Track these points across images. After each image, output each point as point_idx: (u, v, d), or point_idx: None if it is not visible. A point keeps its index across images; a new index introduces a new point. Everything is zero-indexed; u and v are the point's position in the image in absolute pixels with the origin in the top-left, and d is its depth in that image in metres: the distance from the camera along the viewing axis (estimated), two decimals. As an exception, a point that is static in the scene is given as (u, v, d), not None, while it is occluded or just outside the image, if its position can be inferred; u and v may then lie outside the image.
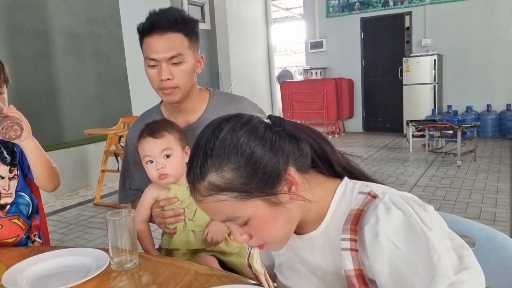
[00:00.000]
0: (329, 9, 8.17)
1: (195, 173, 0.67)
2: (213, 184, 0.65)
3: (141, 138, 1.20)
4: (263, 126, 0.68)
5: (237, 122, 0.68)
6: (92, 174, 4.84)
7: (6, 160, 1.24)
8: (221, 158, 0.65)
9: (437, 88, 6.86)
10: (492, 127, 6.63)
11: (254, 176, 0.65)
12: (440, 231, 0.63)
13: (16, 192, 1.26)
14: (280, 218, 0.68)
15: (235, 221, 0.68)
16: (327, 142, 0.77)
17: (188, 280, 0.89)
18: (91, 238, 3.30)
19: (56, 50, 4.93)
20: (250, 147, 0.65)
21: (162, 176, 1.19)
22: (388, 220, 0.63)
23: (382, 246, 0.63)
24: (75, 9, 5.16)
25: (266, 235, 0.70)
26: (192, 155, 0.69)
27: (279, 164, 0.67)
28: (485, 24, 6.81)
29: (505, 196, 3.71)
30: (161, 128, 1.20)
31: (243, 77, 7.85)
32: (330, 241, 0.73)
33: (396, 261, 0.62)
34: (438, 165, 5.01)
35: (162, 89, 1.23)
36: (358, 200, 0.70)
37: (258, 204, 0.66)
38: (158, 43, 1.19)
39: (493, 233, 0.86)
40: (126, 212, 0.98)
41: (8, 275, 0.93)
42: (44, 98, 4.68)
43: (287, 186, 0.68)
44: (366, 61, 7.91)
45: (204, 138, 0.68)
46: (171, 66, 1.20)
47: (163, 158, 1.18)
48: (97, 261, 0.98)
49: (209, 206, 0.67)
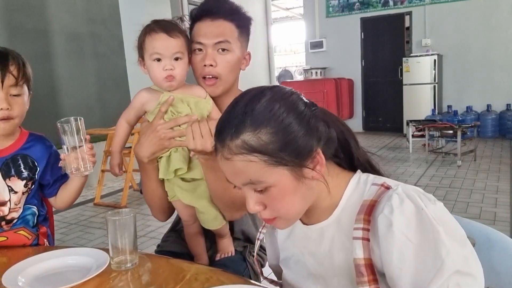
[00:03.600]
0: (329, 9, 8.17)
1: (230, 130, 0.68)
2: (247, 143, 0.66)
3: (153, 32, 1.11)
4: (302, 103, 0.71)
5: (279, 92, 0.70)
6: (92, 174, 4.79)
7: (22, 174, 1.19)
8: (261, 120, 0.66)
9: (437, 88, 6.86)
10: (492, 127, 6.63)
11: (287, 145, 0.67)
12: (448, 227, 0.64)
13: (24, 205, 1.22)
14: (299, 193, 0.70)
15: (256, 186, 0.69)
16: (353, 135, 0.79)
17: (188, 280, 0.89)
18: (91, 238, 3.30)
19: (56, 50, 4.93)
20: (289, 117, 0.67)
21: (169, 78, 1.11)
22: (402, 212, 0.65)
23: (394, 236, 0.64)
24: (75, 9, 5.16)
25: (282, 207, 0.71)
26: (229, 113, 0.70)
27: (312, 140, 0.69)
28: (485, 24, 6.81)
29: (505, 196, 3.71)
30: (175, 27, 1.12)
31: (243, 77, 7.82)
32: (341, 230, 0.74)
33: (405, 252, 0.63)
34: (438, 165, 5.01)
35: (204, 78, 1.18)
36: (371, 191, 0.72)
37: (283, 173, 0.67)
38: (208, 28, 1.16)
39: (493, 233, 0.86)
40: (126, 212, 0.98)
41: (8, 275, 0.93)
42: (44, 98, 4.67)
43: (313, 164, 0.70)
44: (366, 61, 7.92)
45: (245, 100, 0.70)
46: (216, 53, 1.17)
47: (173, 60, 1.11)
48: (97, 261, 0.97)
49: (236, 165, 0.68)
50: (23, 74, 1.14)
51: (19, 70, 1.13)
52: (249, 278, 1.23)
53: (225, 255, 1.25)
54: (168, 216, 1.32)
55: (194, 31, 1.19)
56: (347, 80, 7.90)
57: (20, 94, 1.15)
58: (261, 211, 0.72)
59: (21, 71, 1.13)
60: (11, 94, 1.12)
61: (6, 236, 1.18)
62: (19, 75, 1.13)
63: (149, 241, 3.11)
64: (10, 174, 1.18)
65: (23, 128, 1.25)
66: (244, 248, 1.32)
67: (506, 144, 6.07)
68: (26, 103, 1.19)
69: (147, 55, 1.13)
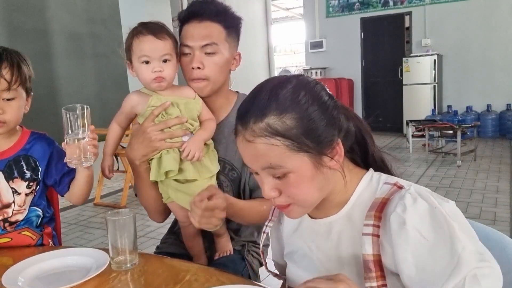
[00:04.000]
0: (329, 9, 8.17)
1: (254, 112, 0.68)
2: (271, 127, 0.67)
3: (140, 35, 1.11)
4: (326, 94, 0.72)
5: (304, 81, 0.72)
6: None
7: (25, 175, 1.18)
8: (286, 105, 0.67)
9: (437, 88, 6.86)
10: (492, 127, 6.63)
11: (310, 132, 0.68)
12: (462, 224, 0.65)
13: (30, 206, 1.20)
14: (316, 181, 0.70)
15: (275, 171, 0.69)
16: (369, 132, 0.80)
17: (187, 280, 0.89)
18: (91, 238, 3.30)
19: (56, 50, 4.93)
20: (314, 106, 0.68)
21: (158, 79, 1.12)
22: (415, 210, 0.65)
23: (408, 234, 0.64)
24: (75, 9, 5.16)
25: (298, 194, 0.71)
26: (254, 96, 0.71)
27: (333, 131, 0.70)
28: (485, 24, 6.81)
29: (505, 196, 3.71)
30: (162, 29, 1.13)
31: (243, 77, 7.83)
32: (350, 226, 0.74)
33: (420, 249, 0.64)
34: (438, 165, 5.01)
35: (192, 80, 1.18)
36: (383, 189, 0.72)
37: (303, 160, 0.68)
38: (195, 30, 1.16)
39: (493, 233, 0.86)
40: (126, 212, 0.98)
41: (8, 275, 0.93)
42: (44, 98, 4.68)
43: (332, 154, 0.70)
44: (366, 61, 7.91)
45: (270, 85, 0.71)
46: (203, 55, 1.16)
47: (161, 62, 1.12)
48: (97, 261, 0.97)
49: (257, 148, 0.68)
50: (17, 77, 1.10)
51: (12, 74, 1.09)
52: (248, 277, 1.23)
53: (223, 254, 1.25)
54: (165, 217, 1.32)
55: (182, 33, 1.20)
56: (347, 80, 7.90)
57: (14, 98, 1.12)
58: (276, 197, 0.73)
59: (15, 74, 1.09)
60: (3, 98, 1.09)
61: (10, 237, 1.18)
62: (12, 79, 1.09)
63: (149, 241, 3.11)
64: (13, 176, 1.17)
65: (24, 127, 1.24)
66: (243, 247, 1.32)
67: (506, 144, 6.06)
68: (22, 106, 1.16)
69: (135, 58, 1.13)
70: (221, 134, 1.24)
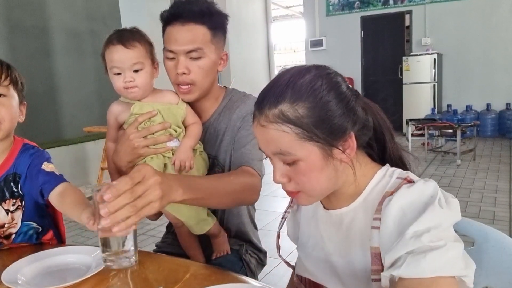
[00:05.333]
0: (329, 7, 8.16)
1: (270, 99, 0.70)
2: (283, 114, 0.68)
3: (110, 45, 1.09)
4: (344, 85, 0.73)
5: (324, 71, 0.73)
6: (92, 171, 4.83)
7: (15, 194, 1.11)
8: (301, 94, 0.69)
9: (437, 87, 6.86)
10: (491, 126, 6.64)
11: (322, 122, 0.68)
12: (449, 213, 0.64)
13: (22, 222, 1.13)
14: (326, 172, 0.71)
15: (285, 157, 0.70)
16: (389, 129, 0.81)
17: (187, 278, 0.89)
18: (90, 236, 3.30)
19: (55, 48, 4.92)
20: (329, 96, 0.69)
21: (131, 89, 1.10)
22: (406, 192, 0.67)
23: (391, 208, 0.66)
24: (75, 6, 5.15)
25: (307, 182, 0.72)
26: (272, 84, 0.72)
27: (347, 123, 0.70)
28: (485, 24, 6.80)
29: (504, 195, 3.72)
30: (133, 37, 1.09)
31: (243, 76, 7.85)
32: (360, 219, 0.75)
33: (398, 222, 0.65)
34: (438, 164, 5.01)
35: (178, 85, 1.16)
36: (394, 183, 0.73)
37: (313, 149, 0.69)
38: (179, 33, 1.12)
39: (492, 232, 0.86)
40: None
41: (7, 273, 0.93)
42: (43, 96, 4.67)
43: (343, 147, 0.71)
44: (366, 60, 7.91)
45: (290, 73, 0.72)
46: (188, 60, 1.13)
47: (132, 71, 1.09)
48: (96, 259, 0.97)
49: (269, 133, 0.70)
50: (7, 75, 1.06)
51: (2, 71, 1.06)
52: (245, 277, 1.23)
53: (220, 254, 1.25)
54: (158, 216, 1.32)
55: (165, 35, 1.16)
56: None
57: (6, 95, 1.06)
58: (286, 183, 0.74)
59: (4, 72, 1.06)
60: None
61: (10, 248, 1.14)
62: (2, 75, 1.05)
63: (149, 239, 3.11)
64: (5, 198, 1.11)
65: (16, 137, 1.15)
66: (240, 246, 1.32)
67: (505, 144, 6.07)
68: (15, 107, 1.09)
69: (108, 68, 1.11)
70: (209, 132, 1.24)
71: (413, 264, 0.59)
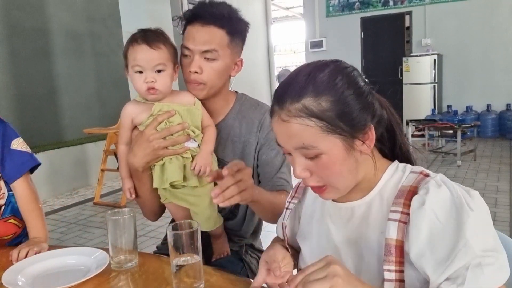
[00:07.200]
0: (329, 8, 8.17)
1: (291, 93, 0.71)
2: (306, 108, 0.69)
3: (135, 43, 1.10)
4: (362, 80, 0.75)
5: (341, 66, 0.75)
6: (92, 173, 4.83)
7: None
8: (322, 88, 0.70)
9: (437, 87, 6.86)
10: (492, 127, 6.64)
11: (344, 115, 0.70)
12: (481, 215, 0.67)
13: (9, 192, 1.19)
14: (347, 164, 0.72)
15: (308, 151, 0.71)
16: (399, 123, 0.84)
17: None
18: (90, 237, 3.30)
19: (55, 49, 4.92)
20: (349, 90, 0.71)
21: (152, 91, 1.11)
22: (437, 194, 0.68)
23: (424, 213, 0.67)
24: (75, 7, 5.15)
25: (330, 175, 0.73)
26: (292, 78, 0.73)
27: (367, 116, 0.72)
28: (485, 24, 6.81)
29: (505, 196, 3.71)
30: (158, 39, 1.11)
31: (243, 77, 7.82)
32: (373, 212, 0.76)
33: (433, 230, 0.66)
34: (438, 165, 5.01)
35: (189, 82, 1.17)
36: (410, 178, 0.74)
37: (336, 142, 0.70)
38: (197, 33, 1.14)
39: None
40: (126, 211, 0.98)
41: (8, 275, 0.93)
42: (43, 97, 4.67)
43: (364, 139, 0.72)
44: (366, 60, 7.91)
45: (309, 68, 0.73)
46: (203, 60, 1.15)
47: (155, 72, 1.10)
48: (97, 261, 0.98)
49: (292, 128, 0.70)
50: None
51: None
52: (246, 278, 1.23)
53: (220, 256, 1.24)
54: (159, 216, 1.32)
55: (185, 33, 1.18)
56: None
57: None
58: (307, 178, 0.74)
59: None
60: None
61: None
62: None
63: (149, 240, 3.11)
64: None
65: None
66: (241, 247, 1.31)
67: (506, 144, 6.07)
68: None
69: (130, 66, 1.12)
70: (219, 135, 1.24)
71: (473, 280, 0.62)
